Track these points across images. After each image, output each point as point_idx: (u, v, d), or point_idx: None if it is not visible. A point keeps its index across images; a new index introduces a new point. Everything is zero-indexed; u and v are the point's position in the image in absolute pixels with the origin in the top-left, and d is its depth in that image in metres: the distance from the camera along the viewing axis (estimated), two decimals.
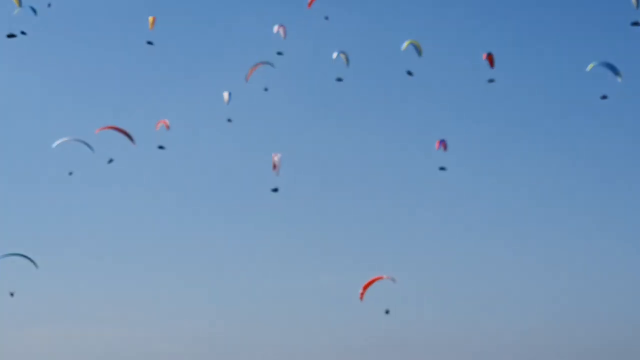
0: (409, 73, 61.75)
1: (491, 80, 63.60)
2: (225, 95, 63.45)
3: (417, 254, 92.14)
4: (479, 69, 64.35)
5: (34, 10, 56.74)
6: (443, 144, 64.00)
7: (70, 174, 59.23)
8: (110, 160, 59.81)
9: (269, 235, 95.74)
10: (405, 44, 58.86)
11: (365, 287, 52.20)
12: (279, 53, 64.39)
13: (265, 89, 64.27)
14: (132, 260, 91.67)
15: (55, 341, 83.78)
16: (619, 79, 57.58)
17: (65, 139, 56.43)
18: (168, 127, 63.22)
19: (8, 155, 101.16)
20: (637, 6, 56.67)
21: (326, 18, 64.12)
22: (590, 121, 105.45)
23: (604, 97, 60.35)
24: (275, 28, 63.43)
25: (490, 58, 63.32)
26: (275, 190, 62.25)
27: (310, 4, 63.19)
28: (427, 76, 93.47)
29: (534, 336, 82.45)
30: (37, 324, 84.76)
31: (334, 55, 61.71)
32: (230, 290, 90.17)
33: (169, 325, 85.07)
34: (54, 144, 56.30)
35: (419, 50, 58.72)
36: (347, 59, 61.43)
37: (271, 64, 62.45)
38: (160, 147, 64.25)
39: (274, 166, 58.99)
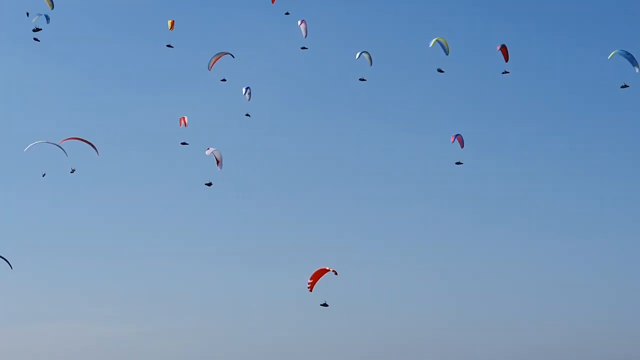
0: (440, 70, 62.22)
1: (505, 72, 63.78)
2: (243, 90, 63.82)
3: (399, 253, 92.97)
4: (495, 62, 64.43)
5: (47, 18, 58.11)
6: (458, 138, 63.64)
7: (44, 175, 59.25)
8: (73, 170, 59.76)
9: (266, 235, 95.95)
10: (432, 42, 59.01)
11: (314, 279, 51.66)
12: (303, 48, 64.85)
13: (223, 80, 64.59)
14: (125, 259, 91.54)
15: (35, 339, 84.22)
16: (636, 70, 58.07)
17: (37, 142, 56.36)
18: (186, 124, 63.33)
19: None
20: None
21: (287, 14, 65.11)
22: (610, 111, 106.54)
23: (625, 86, 60.95)
24: (299, 22, 64.07)
25: (504, 50, 63.14)
26: (209, 184, 62.77)
27: (273, 0, 64.09)
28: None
29: (530, 335, 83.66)
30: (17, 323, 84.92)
31: (357, 55, 61.49)
32: (221, 289, 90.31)
33: (158, 322, 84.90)
34: (25, 148, 56.36)
35: (446, 49, 58.70)
36: (370, 59, 61.07)
37: (231, 55, 62.45)
38: (184, 143, 64.53)
39: (217, 162, 59.12)
